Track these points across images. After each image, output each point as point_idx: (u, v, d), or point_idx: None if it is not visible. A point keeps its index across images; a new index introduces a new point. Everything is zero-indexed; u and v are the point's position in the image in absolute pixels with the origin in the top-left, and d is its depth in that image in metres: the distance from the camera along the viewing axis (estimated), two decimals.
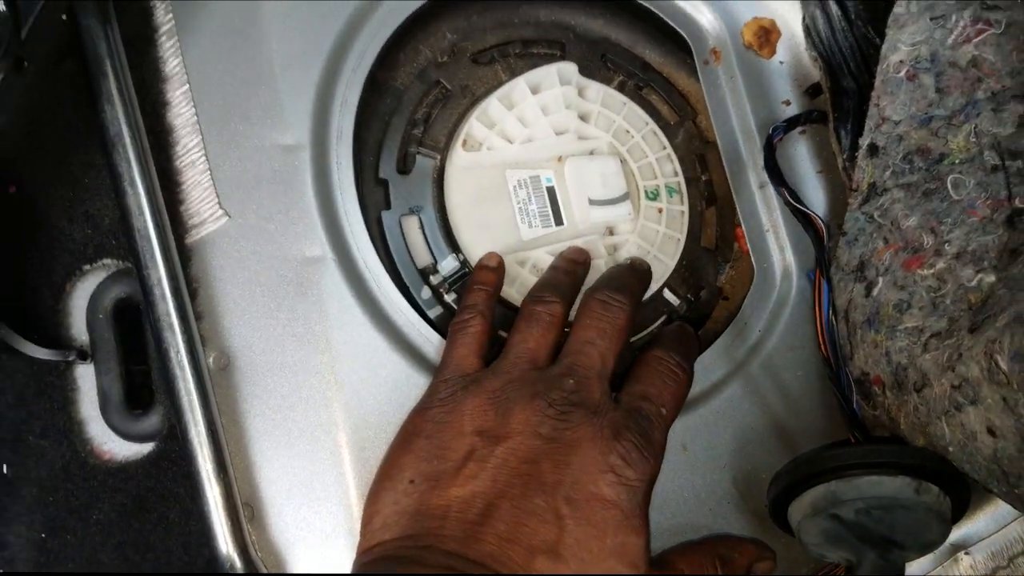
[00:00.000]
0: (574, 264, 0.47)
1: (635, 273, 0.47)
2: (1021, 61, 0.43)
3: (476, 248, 0.47)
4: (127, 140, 0.35)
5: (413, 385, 0.41)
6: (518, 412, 0.37)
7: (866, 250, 0.46)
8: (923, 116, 0.45)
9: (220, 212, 0.39)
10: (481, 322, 0.42)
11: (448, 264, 0.47)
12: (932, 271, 0.42)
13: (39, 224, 0.37)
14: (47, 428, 0.36)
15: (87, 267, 0.37)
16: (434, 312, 0.47)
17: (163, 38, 0.40)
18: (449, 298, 0.47)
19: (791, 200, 0.47)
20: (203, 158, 0.39)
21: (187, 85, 0.40)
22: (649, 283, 0.48)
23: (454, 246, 0.48)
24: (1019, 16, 0.44)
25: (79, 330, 0.38)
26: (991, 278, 0.40)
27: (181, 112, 0.39)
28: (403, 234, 0.47)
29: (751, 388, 0.47)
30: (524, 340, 0.41)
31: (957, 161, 0.44)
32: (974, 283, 0.40)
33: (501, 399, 0.38)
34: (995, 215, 0.41)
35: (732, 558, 0.40)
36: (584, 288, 0.46)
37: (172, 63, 0.40)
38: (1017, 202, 0.41)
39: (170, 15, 0.41)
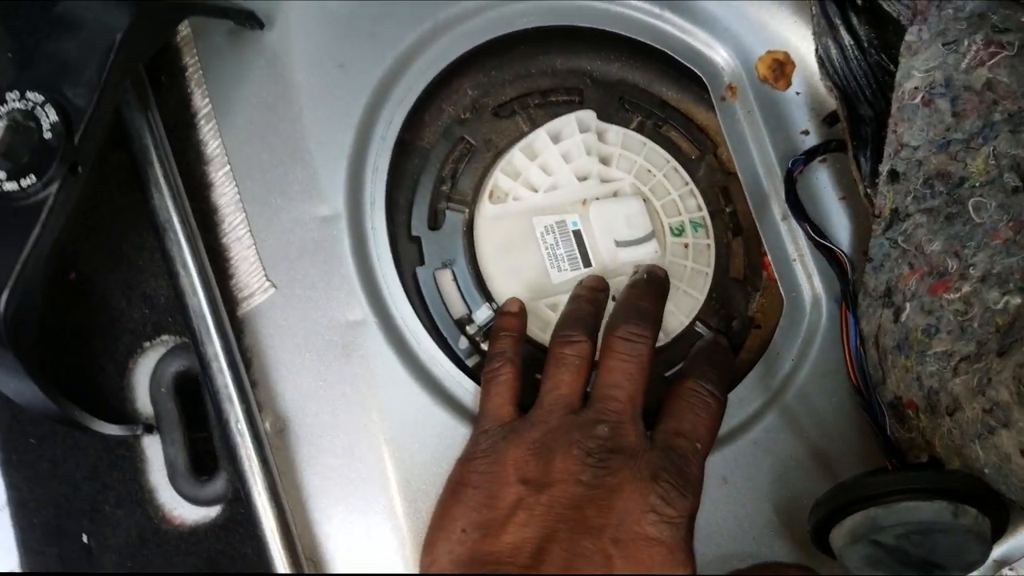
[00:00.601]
0: (595, 292, 0.48)
1: (653, 289, 0.48)
2: None
3: (508, 295, 0.49)
4: (176, 224, 0.37)
5: (457, 436, 0.43)
6: (559, 461, 0.39)
7: (892, 276, 0.46)
8: (941, 141, 0.46)
9: (267, 284, 0.42)
10: (511, 369, 0.44)
11: (483, 313, 0.49)
12: (958, 295, 0.43)
13: (100, 307, 0.40)
14: (121, 498, 0.39)
15: (147, 344, 0.40)
16: (472, 361, 0.48)
17: (202, 122, 0.43)
18: (485, 346, 0.48)
19: (813, 235, 0.48)
20: (248, 234, 0.42)
21: (228, 166, 0.42)
22: (667, 289, 0.49)
23: (487, 295, 0.49)
24: None
25: (143, 403, 0.40)
26: (1017, 300, 0.40)
27: (224, 192, 0.42)
28: (438, 287, 0.49)
29: (787, 417, 0.47)
30: (556, 387, 0.43)
31: (977, 184, 0.44)
32: (1000, 305, 0.41)
33: (541, 449, 0.39)
34: (1018, 236, 0.42)
35: None
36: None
37: (212, 145, 0.42)
38: None
39: (207, 99, 0.44)
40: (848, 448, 0.47)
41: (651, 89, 0.56)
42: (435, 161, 0.51)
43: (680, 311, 0.51)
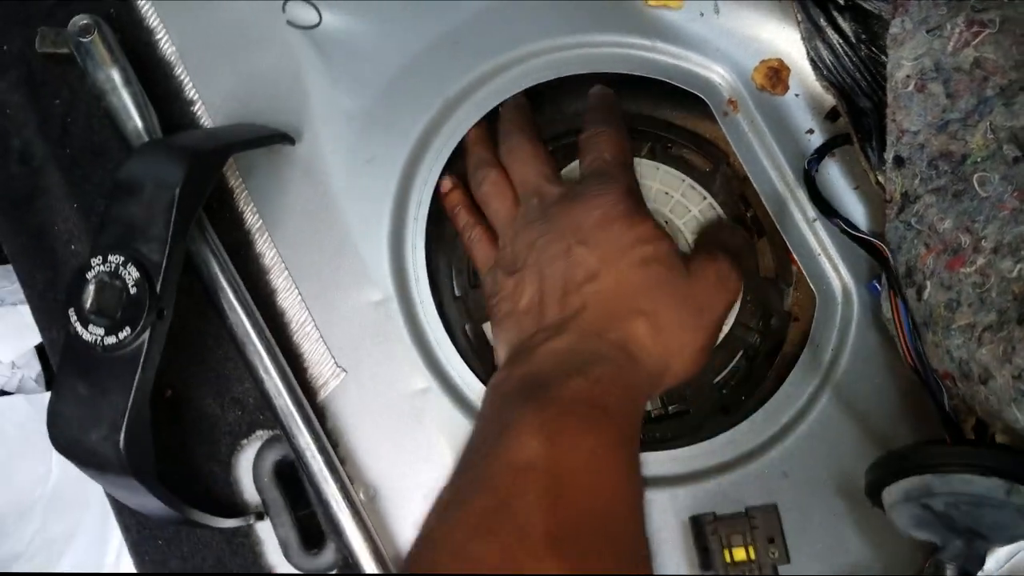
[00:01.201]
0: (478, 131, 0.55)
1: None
2: (1021, 54, 0.46)
3: None
4: (254, 338, 0.42)
5: None
6: (521, 243, 0.46)
7: (910, 256, 0.49)
8: (939, 122, 0.48)
9: (338, 370, 0.47)
10: (478, 228, 0.50)
11: None
12: (974, 268, 0.45)
13: (197, 416, 0.46)
14: None
15: (244, 441, 0.45)
16: None
17: (256, 236, 0.48)
18: None
19: (847, 229, 0.50)
20: (314, 329, 0.47)
21: (286, 271, 0.47)
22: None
23: None
24: (1011, 12, 0.46)
25: (250, 493, 0.45)
26: None
27: (287, 295, 0.47)
28: (488, 340, 0.53)
29: (836, 405, 0.50)
30: (496, 213, 0.50)
31: (979, 159, 0.46)
32: (1015, 274, 0.43)
33: (511, 249, 0.47)
34: (1023, 205, 0.44)
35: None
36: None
37: (269, 255, 0.47)
38: None
39: (257, 215, 0.49)
40: (901, 426, 0.49)
41: (655, 114, 0.59)
42: None
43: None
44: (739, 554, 0.46)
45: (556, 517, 0.30)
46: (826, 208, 0.51)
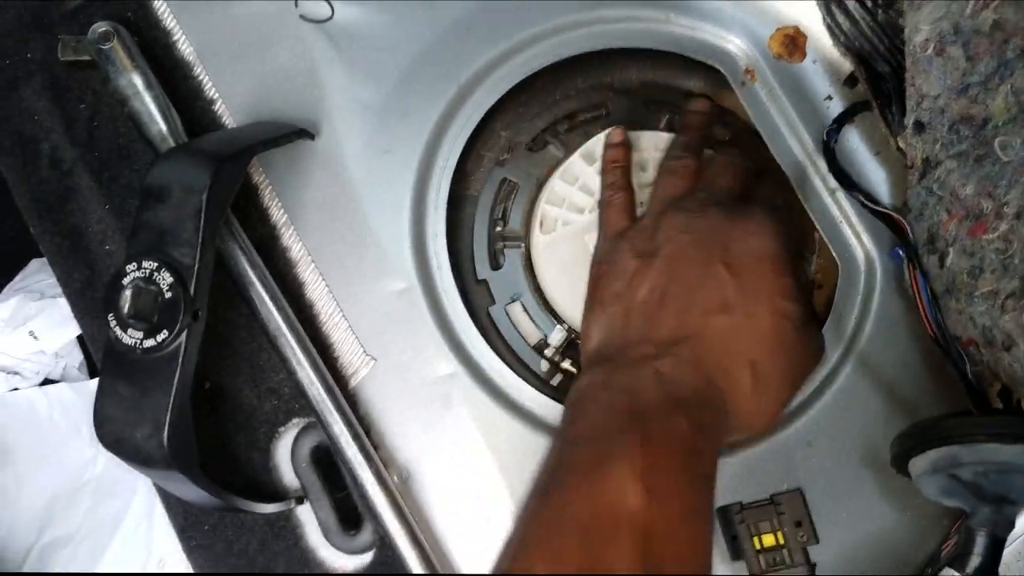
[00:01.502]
0: (702, 116, 0.54)
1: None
2: None
3: (577, 315, 0.53)
4: (285, 330, 0.44)
5: None
6: (664, 227, 0.44)
7: (932, 223, 0.48)
8: (959, 86, 0.48)
9: (367, 358, 0.48)
10: (623, 194, 0.50)
11: (556, 336, 0.54)
12: (997, 234, 0.44)
13: (236, 407, 0.47)
14: (290, 561, 0.46)
15: (281, 429, 0.47)
16: (556, 380, 0.53)
17: (283, 230, 0.49)
18: (565, 364, 0.53)
19: (867, 203, 0.50)
20: (343, 319, 0.48)
21: (312, 264, 0.49)
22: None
23: (557, 318, 0.54)
24: None
25: (290, 478, 0.47)
26: None
27: (316, 287, 0.48)
28: (512, 321, 0.54)
29: (861, 373, 0.50)
30: (663, 187, 0.49)
31: (1000, 123, 0.46)
32: None
33: (652, 227, 0.45)
34: None
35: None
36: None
37: (296, 249, 0.49)
38: None
39: (282, 210, 0.50)
40: (926, 394, 0.49)
41: (672, 84, 0.59)
42: (485, 206, 0.56)
43: None
44: (768, 540, 0.47)
45: None
46: (846, 180, 0.51)
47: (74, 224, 0.51)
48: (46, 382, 0.96)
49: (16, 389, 0.90)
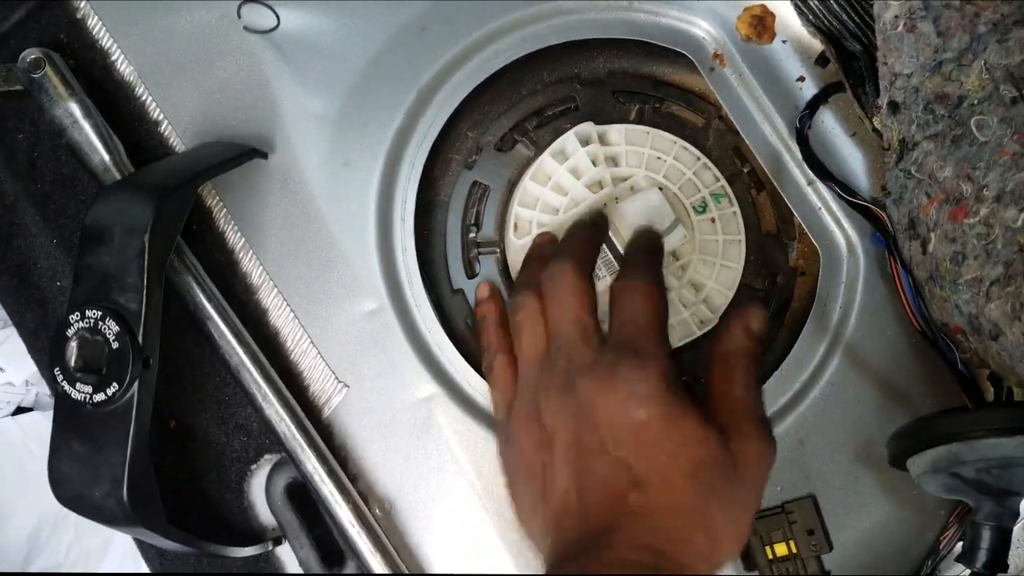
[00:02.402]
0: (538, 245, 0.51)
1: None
2: None
3: None
4: (249, 365, 0.42)
5: None
6: (544, 408, 0.41)
7: (912, 207, 0.47)
8: (932, 63, 0.46)
9: (340, 385, 0.46)
10: (501, 356, 0.46)
11: None
12: (978, 218, 0.43)
13: (204, 445, 0.45)
14: None
15: (253, 467, 0.45)
16: None
17: (241, 254, 0.47)
18: None
19: (843, 195, 0.49)
20: (311, 345, 0.46)
21: (275, 289, 0.46)
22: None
23: None
24: None
25: (266, 517, 0.45)
26: None
27: (280, 314, 0.46)
28: None
29: (849, 364, 0.49)
30: (521, 350, 0.45)
31: (976, 101, 0.44)
32: (1020, 223, 0.41)
33: (533, 409, 0.42)
34: None
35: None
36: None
37: (256, 274, 0.46)
38: None
39: (239, 233, 0.47)
40: (917, 383, 0.48)
41: (641, 71, 0.57)
42: (456, 212, 0.54)
43: (723, 285, 0.53)
44: (780, 549, 0.46)
45: None
46: (821, 170, 0.49)
47: (21, 261, 0.49)
48: (18, 411, 0.94)
49: None
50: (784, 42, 0.52)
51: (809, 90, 0.52)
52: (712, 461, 0.39)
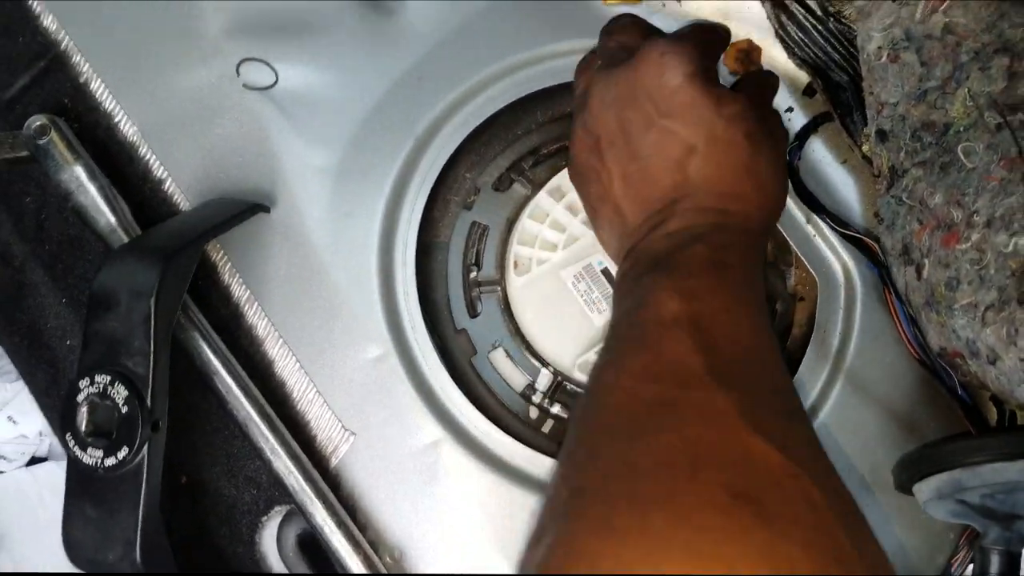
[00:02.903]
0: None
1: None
2: (990, 14, 0.44)
3: (561, 355, 0.52)
4: (256, 418, 0.42)
5: None
6: (591, 112, 0.44)
7: (905, 233, 0.47)
8: (917, 92, 0.47)
9: (347, 434, 0.47)
10: (591, 56, 0.49)
11: (543, 380, 0.52)
12: (970, 244, 0.44)
13: (214, 499, 0.46)
14: None
15: (264, 519, 0.46)
16: (547, 427, 0.52)
17: (246, 307, 0.48)
18: (555, 409, 0.52)
19: (835, 227, 0.49)
20: (317, 395, 0.47)
21: (280, 339, 0.47)
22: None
23: (542, 361, 0.53)
24: None
25: (279, 569, 0.46)
26: None
27: (286, 364, 0.47)
28: (495, 369, 0.53)
29: (852, 389, 0.49)
30: (580, 75, 0.48)
31: (962, 128, 0.45)
32: (1010, 248, 0.42)
33: (584, 114, 0.45)
34: (1011, 175, 0.42)
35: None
36: None
37: (261, 326, 0.47)
38: None
39: (244, 286, 0.48)
40: (920, 406, 0.48)
41: None
42: (456, 252, 0.55)
43: None
44: None
45: (711, 359, 0.32)
46: (813, 203, 0.50)
47: (31, 321, 0.50)
48: (33, 461, 0.95)
49: (1, 472, 0.88)
50: None
51: (799, 120, 0.53)
52: (749, 117, 0.41)
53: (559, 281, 0.53)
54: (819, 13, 0.51)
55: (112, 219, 0.45)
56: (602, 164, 0.43)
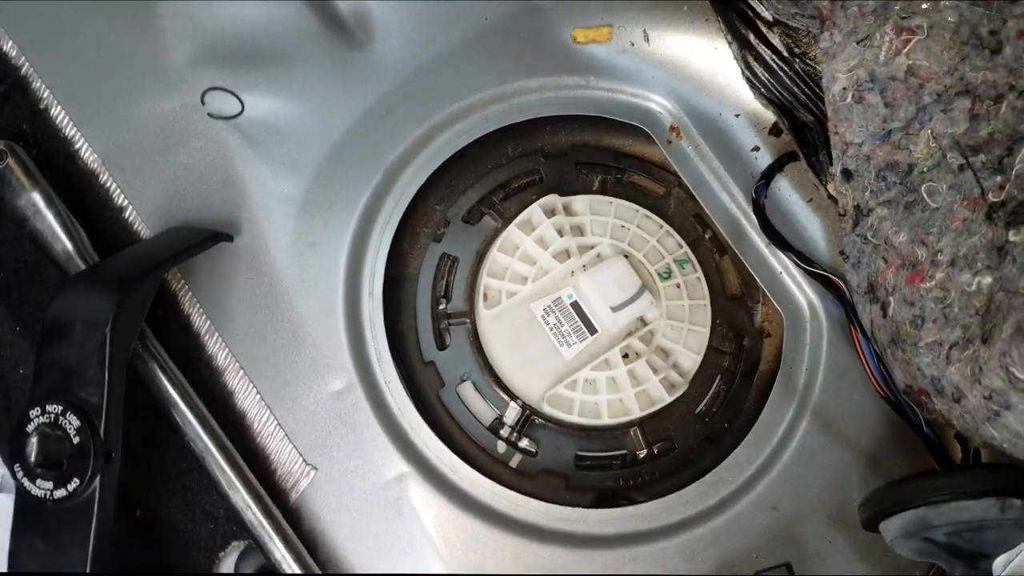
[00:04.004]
0: None
1: None
2: (952, 58, 0.45)
3: (531, 388, 0.52)
4: (214, 451, 0.41)
5: (524, 551, 0.46)
6: None
7: (871, 271, 0.48)
8: (881, 132, 0.48)
9: (308, 468, 0.46)
10: None
11: (511, 413, 0.52)
12: (934, 282, 0.44)
13: (170, 534, 0.45)
14: None
15: (221, 554, 0.44)
16: (515, 461, 0.51)
17: (206, 338, 0.47)
18: (523, 443, 0.51)
19: (801, 264, 0.50)
20: (278, 428, 0.46)
21: (241, 371, 0.46)
22: None
23: (510, 394, 0.52)
24: (937, 17, 0.45)
25: None
26: (987, 279, 0.42)
27: (246, 396, 0.46)
28: (463, 403, 0.52)
29: (818, 426, 0.49)
30: None
31: (925, 169, 0.46)
32: (974, 287, 0.42)
33: None
34: (974, 215, 0.43)
35: None
36: None
37: (221, 356, 0.46)
38: (991, 196, 0.43)
39: (204, 316, 0.47)
40: (886, 442, 0.49)
41: (602, 144, 0.58)
42: (425, 285, 0.54)
43: (691, 350, 0.53)
44: None
45: None
46: (779, 241, 0.50)
47: None
48: None
49: None
50: (737, 116, 0.54)
51: (764, 159, 0.53)
52: None
53: (529, 314, 0.53)
54: (785, 54, 0.52)
55: (69, 246, 0.44)
56: None
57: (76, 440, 0.35)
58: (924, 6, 0.45)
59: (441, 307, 0.54)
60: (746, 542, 0.47)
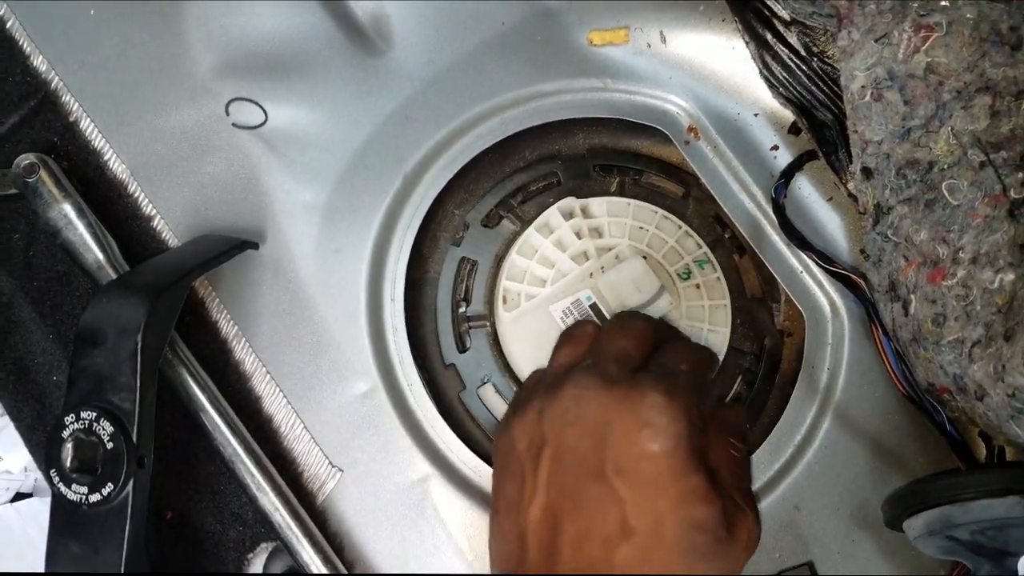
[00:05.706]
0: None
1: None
2: (972, 54, 0.45)
3: None
4: (243, 455, 0.42)
5: None
6: (550, 411, 0.38)
7: (892, 269, 0.48)
8: (901, 131, 0.47)
9: (334, 470, 0.47)
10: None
11: None
12: (955, 280, 0.44)
13: (200, 536, 0.45)
14: None
15: (250, 555, 0.45)
16: None
17: (234, 343, 0.48)
18: None
19: (822, 264, 0.50)
20: (304, 431, 0.46)
21: (268, 375, 0.47)
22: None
23: None
24: (956, 13, 0.45)
25: None
26: (1010, 276, 0.41)
27: (273, 400, 0.47)
28: (485, 405, 0.53)
29: (840, 425, 0.49)
30: (556, 354, 0.46)
31: (946, 166, 0.46)
32: (996, 285, 0.42)
33: (541, 404, 0.39)
34: (996, 212, 0.43)
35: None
36: None
37: (249, 361, 0.47)
38: (1012, 193, 0.43)
39: (231, 322, 0.48)
40: (909, 441, 0.48)
41: (619, 146, 0.59)
42: (446, 287, 0.55)
43: (713, 349, 0.54)
44: None
45: None
46: (799, 240, 0.50)
47: (18, 358, 0.50)
48: (17, 497, 0.94)
49: None
50: (756, 115, 0.54)
51: (784, 158, 0.53)
52: (711, 527, 0.36)
53: (548, 316, 0.53)
54: (803, 53, 0.52)
55: (100, 255, 0.45)
56: (534, 474, 0.38)
57: (110, 446, 0.37)
58: (943, 3, 0.45)
59: (461, 310, 0.54)
60: (768, 541, 0.47)
